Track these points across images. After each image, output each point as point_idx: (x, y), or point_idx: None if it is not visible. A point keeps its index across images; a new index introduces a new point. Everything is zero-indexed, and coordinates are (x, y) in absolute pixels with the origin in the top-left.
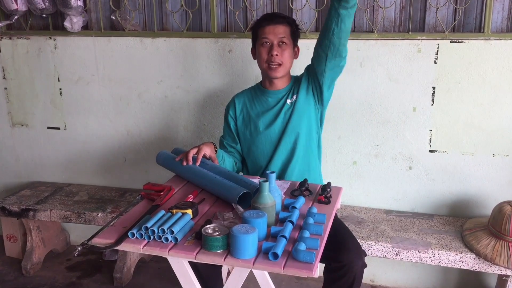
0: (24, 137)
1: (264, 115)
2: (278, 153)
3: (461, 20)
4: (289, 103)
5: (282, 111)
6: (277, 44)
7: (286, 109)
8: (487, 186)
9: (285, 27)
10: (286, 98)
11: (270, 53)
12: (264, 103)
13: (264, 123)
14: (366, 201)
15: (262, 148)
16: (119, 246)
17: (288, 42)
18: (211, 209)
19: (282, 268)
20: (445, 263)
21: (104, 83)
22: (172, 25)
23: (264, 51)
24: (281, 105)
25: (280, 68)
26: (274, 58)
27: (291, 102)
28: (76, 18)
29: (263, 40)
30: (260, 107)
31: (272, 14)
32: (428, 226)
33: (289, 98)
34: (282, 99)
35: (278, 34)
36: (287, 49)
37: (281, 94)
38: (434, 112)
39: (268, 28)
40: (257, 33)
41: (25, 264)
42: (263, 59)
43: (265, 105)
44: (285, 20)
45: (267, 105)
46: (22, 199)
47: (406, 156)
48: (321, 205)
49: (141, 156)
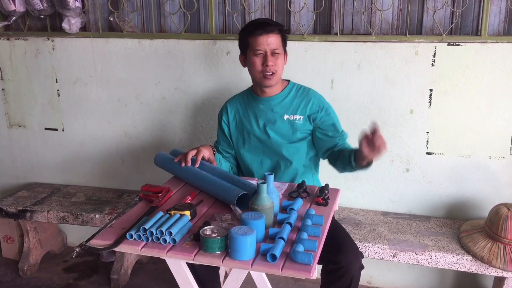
0: (21, 138)
1: (256, 122)
2: (269, 160)
3: (458, 23)
4: (286, 118)
5: (277, 122)
6: (271, 54)
7: (281, 121)
8: (484, 188)
9: (276, 35)
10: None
11: (265, 64)
12: (256, 109)
13: (257, 130)
14: (363, 203)
15: (254, 155)
16: (117, 248)
17: (281, 51)
18: (209, 211)
19: (280, 269)
20: (442, 265)
21: (102, 85)
22: (170, 27)
23: (258, 61)
24: (276, 114)
25: (274, 77)
26: (270, 68)
27: (288, 118)
28: (74, 19)
29: (257, 51)
30: (252, 114)
31: (263, 23)
32: (425, 228)
33: (288, 114)
34: (275, 106)
35: (271, 44)
36: (280, 58)
37: (272, 101)
38: (431, 115)
39: (261, 39)
40: (249, 41)
41: (22, 266)
42: (257, 70)
43: (257, 112)
44: (276, 28)
45: (259, 112)
46: (19, 200)
47: (403, 158)
48: (319, 207)
49: (139, 157)
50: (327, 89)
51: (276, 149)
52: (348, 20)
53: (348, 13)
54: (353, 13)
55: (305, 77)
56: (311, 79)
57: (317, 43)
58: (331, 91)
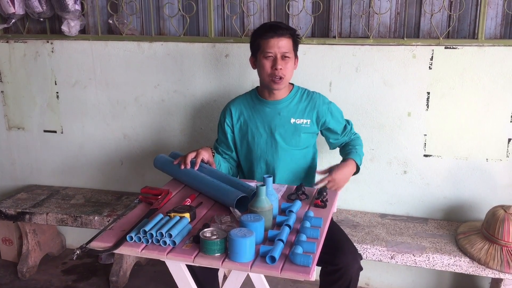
0: (20, 141)
1: (263, 125)
2: (272, 162)
3: (455, 26)
4: (292, 122)
5: (284, 126)
6: (281, 57)
7: (288, 125)
8: (481, 190)
9: (288, 39)
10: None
11: (275, 67)
12: (262, 112)
13: (263, 133)
14: (361, 205)
15: (257, 157)
16: (117, 250)
17: (291, 56)
18: (208, 213)
19: (279, 271)
20: (439, 266)
21: (101, 87)
22: (170, 30)
23: (268, 64)
24: (283, 118)
25: (282, 81)
26: (279, 72)
27: (295, 121)
28: (74, 22)
29: (267, 53)
30: (258, 117)
31: (275, 26)
32: (423, 230)
33: (294, 118)
34: (282, 110)
35: (282, 48)
36: (290, 62)
37: (279, 104)
38: (429, 117)
39: (272, 41)
40: (260, 44)
41: (21, 268)
42: (266, 72)
43: (263, 115)
44: (288, 32)
45: (266, 115)
46: (18, 202)
47: (401, 160)
48: (317, 209)
49: (138, 159)
50: (326, 92)
51: (281, 152)
52: (346, 23)
53: (346, 17)
54: (351, 16)
55: (304, 80)
56: (309, 82)
57: (315, 46)
58: (329, 94)
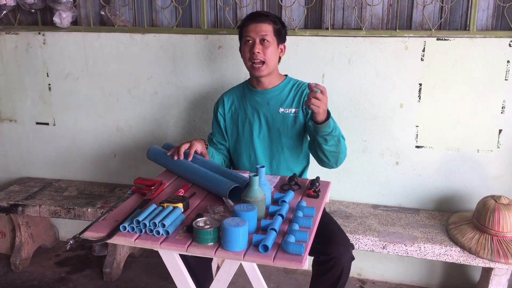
0: (12, 133)
1: (252, 114)
2: (262, 152)
3: (447, 18)
4: (281, 111)
5: (273, 115)
6: (259, 41)
7: (276, 114)
8: (472, 181)
9: (267, 25)
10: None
11: (252, 51)
12: (252, 102)
13: (252, 122)
14: (353, 196)
15: (247, 147)
16: (111, 240)
17: (271, 40)
18: (201, 203)
19: (272, 260)
20: (430, 256)
21: (93, 79)
22: (162, 21)
23: (247, 49)
24: (271, 107)
25: (263, 67)
26: (256, 56)
27: (283, 111)
28: (65, 13)
29: (246, 38)
30: (248, 106)
31: (255, 13)
32: (414, 220)
33: (283, 107)
34: (271, 100)
35: (260, 32)
36: (270, 47)
37: (268, 94)
38: (421, 109)
39: (250, 27)
40: (241, 32)
41: (14, 260)
42: (246, 57)
43: (253, 104)
44: (268, 18)
45: (255, 105)
46: (10, 194)
47: (393, 151)
48: (310, 199)
49: (131, 151)
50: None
51: (270, 141)
52: (339, 15)
53: (338, 8)
54: (344, 8)
55: (297, 71)
56: (302, 73)
57: (308, 37)
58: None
